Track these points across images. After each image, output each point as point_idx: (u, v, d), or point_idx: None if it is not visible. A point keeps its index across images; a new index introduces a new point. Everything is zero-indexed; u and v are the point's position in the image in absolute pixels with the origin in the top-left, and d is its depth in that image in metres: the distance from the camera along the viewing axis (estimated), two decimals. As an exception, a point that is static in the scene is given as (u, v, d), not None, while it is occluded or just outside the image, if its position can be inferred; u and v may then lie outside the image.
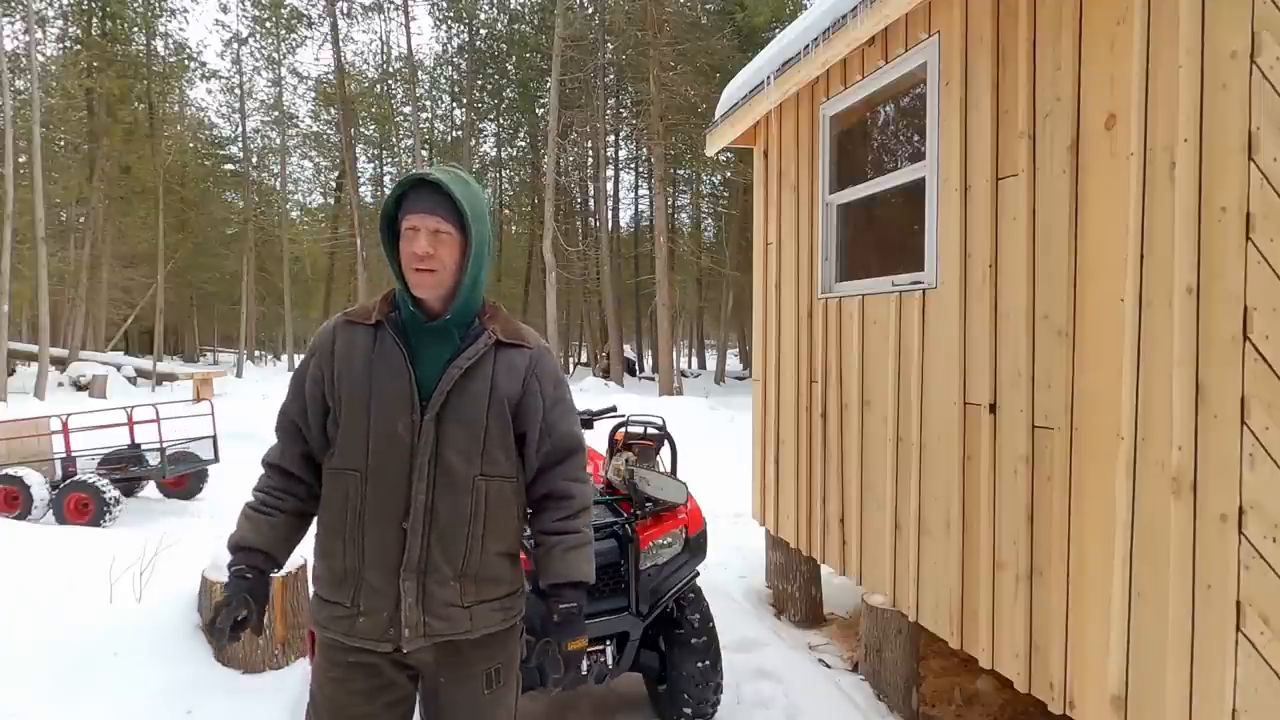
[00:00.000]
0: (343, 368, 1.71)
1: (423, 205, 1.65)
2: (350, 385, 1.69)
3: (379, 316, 1.72)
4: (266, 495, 1.77)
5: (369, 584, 1.66)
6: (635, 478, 3.17)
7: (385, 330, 1.71)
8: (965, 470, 2.95)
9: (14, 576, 4.24)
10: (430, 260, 1.65)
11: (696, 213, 30.78)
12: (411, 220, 1.66)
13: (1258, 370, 1.89)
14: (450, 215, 1.66)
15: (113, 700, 3.13)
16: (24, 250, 21.24)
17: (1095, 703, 2.36)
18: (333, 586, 1.71)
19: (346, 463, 1.69)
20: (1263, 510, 1.89)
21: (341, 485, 1.69)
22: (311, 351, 1.79)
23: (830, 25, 3.45)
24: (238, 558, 1.72)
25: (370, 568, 1.66)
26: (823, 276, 4.07)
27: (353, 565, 1.68)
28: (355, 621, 1.68)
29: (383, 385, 1.67)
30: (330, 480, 1.72)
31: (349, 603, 1.68)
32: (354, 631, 1.68)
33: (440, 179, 1.65)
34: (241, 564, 1.71)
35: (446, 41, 34.56)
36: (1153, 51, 2.13)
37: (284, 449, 1.78)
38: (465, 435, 1.67)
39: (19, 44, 22.81)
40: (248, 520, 1.75)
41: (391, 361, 1.68)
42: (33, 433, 8.02)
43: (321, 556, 1.74)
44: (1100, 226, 2.33)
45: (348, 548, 1.68)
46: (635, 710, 3.47)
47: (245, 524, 1.75)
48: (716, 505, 5.80)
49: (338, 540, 1.70)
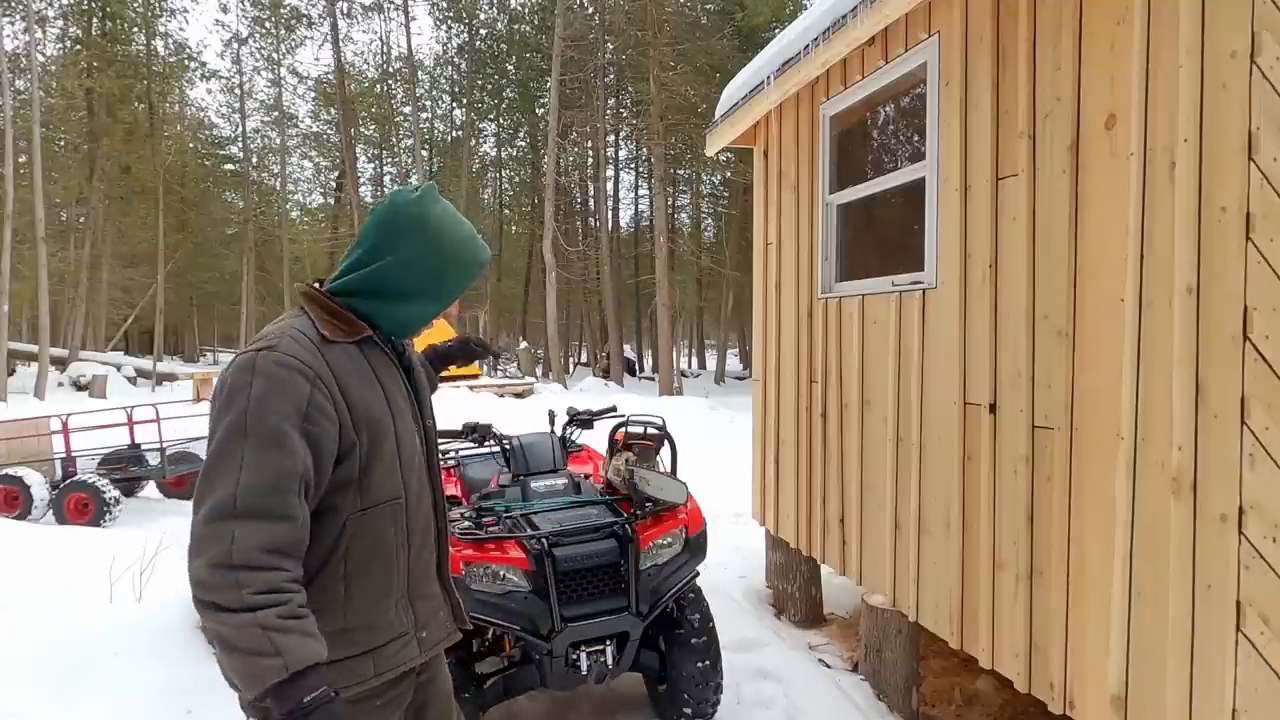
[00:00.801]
0: (356, 395, 1.49)
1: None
2: (375, 413, 1.52)
3: (365, 332, 1.56)
4: (293, 592, 1.33)
5: (423, 596, 1.66)
6: (635, 478, 3.17)
7: (374, 346, 1.59)
8: (965, 470, 2.95)
9: (14, 576, 4.24)
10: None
11: (696, 213, 30.81)
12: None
13: (1258, 370, 1.89)
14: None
15: (113, 700, 3.13)
16: (24, 250, 21.26)
17: (1095, 703, 2.36)
18: (384, 627, 1.56)
19: (387, 494, 1.53)
20: (1263, 510, 1.89)
21: (388, 519, 1.54)
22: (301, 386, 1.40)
23: (830, 25, 3.45)
24: (311, 682, 1.28)
25: (422, 581, 1.66)
26: (823, 276, 4.07)
27: (403, 590, 1.61)
28: (420, 639, 1.64)
29: (397, 405, 1.59)
30: (365, 524, 1.50)
31: (410, 627, 1.62)
32: (424, 646, 1.66)
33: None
34: (321, 687, 1.29)
35: (446, 41, 34.62)
36: (1153, 51, 2.13)
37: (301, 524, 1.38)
38: (434, 434, 1.78)
39: (19, 44, 22.83)
40: (294, 632, 1.29)
41: (394, 378, 1.62)
42: (33, 433, 8.02)
43: (364, 608, 1.52)
44: (1100, 226, 2.33)
45: (400, 577, 1.59)
46: (635, 710, 3.47)
47: (295, 638, 1.28)
48: (716, 505, 5.80)
49: (388, 577, 1.56)
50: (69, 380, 20.10)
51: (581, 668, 2.85)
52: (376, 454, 1.50)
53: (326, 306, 1.55)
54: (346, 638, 1.50)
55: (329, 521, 1.47)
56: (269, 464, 1.34)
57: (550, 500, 3.23)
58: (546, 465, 3.46)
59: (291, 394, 1.39)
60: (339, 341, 1.50)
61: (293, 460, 1.36)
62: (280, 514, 1.34)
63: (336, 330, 1.51)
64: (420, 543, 1.65)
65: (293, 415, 1.38)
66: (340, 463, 1.46)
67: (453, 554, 2.81)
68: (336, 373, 1.46)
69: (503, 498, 3.31)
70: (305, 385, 1.40)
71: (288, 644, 1.27)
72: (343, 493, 1.47)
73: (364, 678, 1.53)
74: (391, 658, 1.58)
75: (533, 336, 33.50)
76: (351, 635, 1.51)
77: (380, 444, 1.51)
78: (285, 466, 1.35)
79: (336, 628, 1.48)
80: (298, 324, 1.51)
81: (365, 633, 1.53)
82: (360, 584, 1.51)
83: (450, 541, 2.85)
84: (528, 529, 2.97)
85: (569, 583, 2.89)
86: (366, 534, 1.50)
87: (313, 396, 1.40)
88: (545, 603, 2.83)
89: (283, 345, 1.43)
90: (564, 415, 3.94)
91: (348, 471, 1.47)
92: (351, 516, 1.48)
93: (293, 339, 1.46)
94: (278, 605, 1.29)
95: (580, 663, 2.85)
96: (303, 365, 1.42)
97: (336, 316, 1.54)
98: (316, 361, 1.44)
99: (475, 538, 2.92)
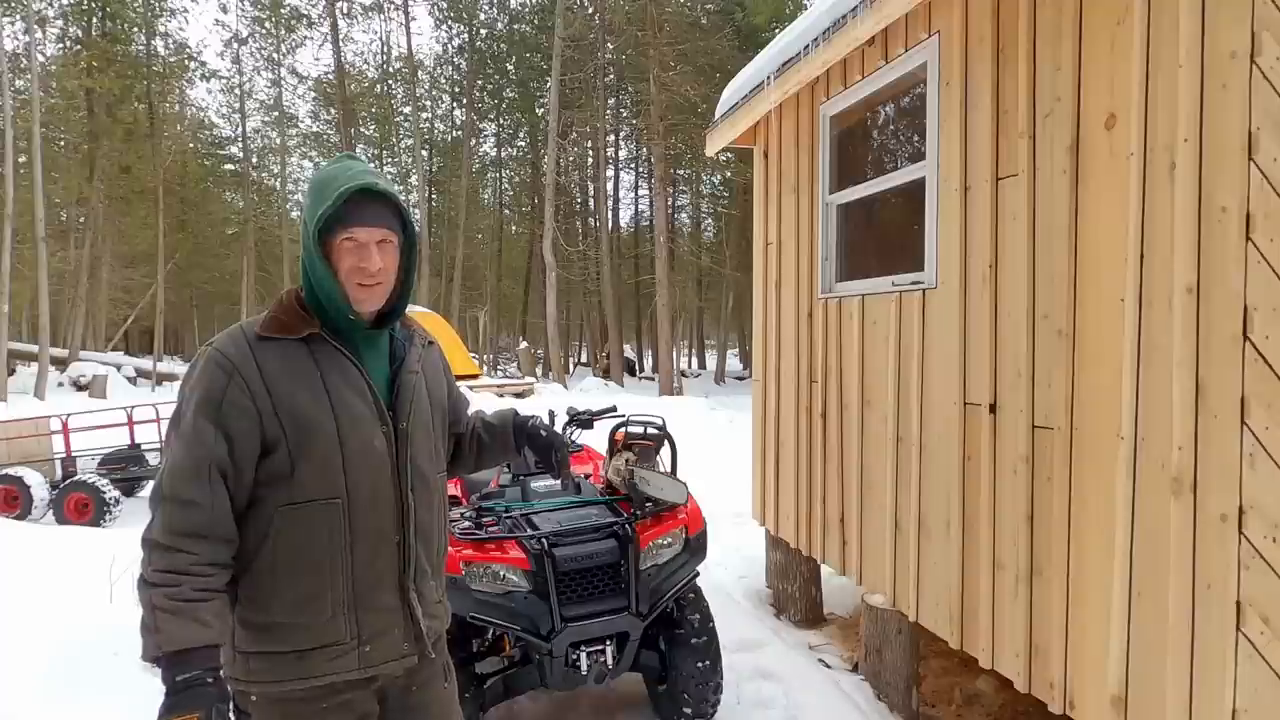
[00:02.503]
0: (283, 391, 1.50)
1: (364, 216, 1.53)
2: (304, 408, 1.51)
3: (309, 329, 1.55)
4: (196, 576, 1.41)
5: (372, 608, 1.58)
6: (635, 478, 3.17)
7: (324, 343, 1.56)
8: (965, 470, 2.95)
9: (14, 576, 4.24)
10: (379, 274, 1.56)
11: (696, 213, 30.80)
12: (354, 233, 1.53)
13: (1258, 370, 1.89)
14: (393, 221, 1.58)
15: (112, 700, 3.13)
16: (24, 250, 21.25)
17: (1095, 702, 2.36)
18: (317, 631, 1.54)
19: (321, 493, 1.52)
20: (1263, 510, 1.89)
21: (319, 519, 1.52)
22: (219, 378, 1.48)
23: (830, 25, 3.45)
24: (187, 664, 1.36)
25: (371, 591, 1.58)
26: (823, 276, 4.07)
27: (345, 597, 1.55)
28: (361, 652, 1.57)
29: (346, 404, 1.55)
30: (294, 518, 1.51)
31: (348, 637, 1.55)
32: (366, 662, 1.57)
33: (383, 187, 1.55)
34: (196, 669, 1.36)
35: (446, 41, 34.57)
36: (1153, 51, 2.13)
37: (212, 508, 1.44)
38: (425, 438, 1.69)
39: (19, 44, 22.83)
40: (177, 614, 1.37)
41: (348, 376, 1.57)
42: (33, 433, 8.02)
43: (293, 606, 1.53)
44: (1100, 226, 2.33)
45: (336, 582, 1.54)
46: (635, 710, 3.47)
47: (177, 620, 1.37)
48: (716, 505, 5.80)
49: (320, 578, 1.53)
50: (69, 380, 20.09)
51: (581, 668, 2.85)
52: (304, 451, 1.50)
53: (280, 304, 1.59)
54: (275, 633, 1.54)
55: (259, 513, 1.52)
56: (184, 452, 1.46)
57: (550, 500, 3.23)
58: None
59: (209, 387, 1.48)
60: (277, 338, 1.54)
61: (204, 449, 1.45)
62: (190, 499, 1.44)
63: (276, 327, 1.55)
64: (371, 550, 1.57)
65: (206, 406, 1.47)
66: (267, 455, 1.50)
67: (453, 554, 2.81)
68: (263, 368, 1.50)
69: (503, 498, 3.31)
70: (223, 378, 1.48)
71: (167, 625, 1.37)
72: (271, 486, 1.51)
73: (292, 677, 1.53)
74: (322, 664, 1.54)
75: (533, 336, 33.50)
76: (280, 631, 1.53)
77: (309, 441, 1.51)
78: (197, 454, 1.45)
79: (266, 620, 1.54)
80: (247, 322, 1.58)
81: (294, 631, 1.53)
82: (288, 580, 1.53)
83: (450, 541, 2.86)
84: (528, 529, 2.98)
85: (569, 583, 2.89)
86: (295, 530, 1.51)
87: (228, 390, 1.47)
88: (545, 603, 2.83)
89: (218, 342, 1.54)
90: (564, 415, 3.94)
91: (277, 465, 1.50)
92: (279, 510, 1.51)
93: (229, 336, 1.55)
94: (170, 586, 1.39)
95: (580, 663, 2.85)
96: (224, 359, 1.49)
97: (285, 314, 1.56)
98: (242, 357, 1.50)
99: (475, 538, 2.92)
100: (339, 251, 1.54)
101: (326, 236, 1.53)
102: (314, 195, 1.55)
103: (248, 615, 1.54)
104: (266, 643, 1.53)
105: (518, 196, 35.79)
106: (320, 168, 1.58)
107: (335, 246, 1.54)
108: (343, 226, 1.52)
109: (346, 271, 1.54)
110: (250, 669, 1.54)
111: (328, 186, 1.52)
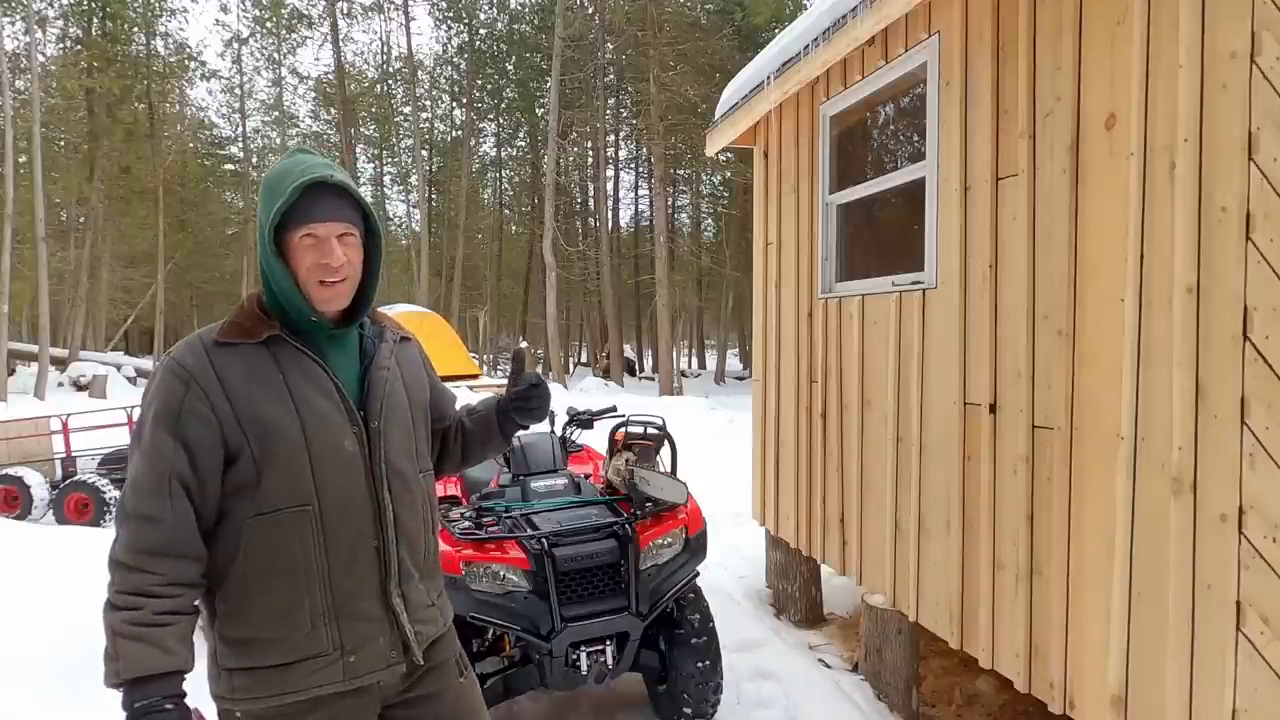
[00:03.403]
0: (243, 397, 1.44)
1: (322, 210, 1.46)
2: (267, 413, 1.45)
3: (269, 331, 1.50)
4: (159, 598, 1.37)
5: (354, 616, 1.52)
6: (635, 478, 3.17)
7: (285, 345, 1.50)
8: (965, 470, 2.95)
9: (14, 576, 4.24)
10: (343, 270, 1.49)
11: (696, 213, 30.78)
12: (313, 228, 1.46)
13: (1258, 370, 1.89)
14: (353, 215, 1.51)
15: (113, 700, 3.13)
16: (24, 250, 21.25)
17: (1095, 702, 2.36)
18: (295, 644, 1.48)
19: (290, 501, 1.46)
20: (1263, 510, 1.89)
21: (290, 528, 1.46)
22: (176, 388, 1.43)
23: (830, 25, 3.45)
24: (147, 690, 1.33)
25: (352, 599, 1.52)
26: (823, 276, 4.07)
27: (325, 606, 1.49)
28: (345, 663, 1.51)
29: (311, 406, 1.48)
30: (264, 528, 1.46)
31: (331, 648, 1.50)
32: (351, 673, 1.51)
33: (339, 179, 1.48)
34: (155, 696, 1.33)
35: (446, 41, 34.51)
36: (1153, 51, 2.13)
37: (174, 524, 1.39)
38: (403, 437, 1.62)
39: (19, 44, 22.83)
40: (138, 640, 1.34)
41: (313, 377, 1.51)
42: (33, 433, 8.02)
43: (271, 619, 1.48)
44: (1100, 226, 2.33)
45: (314, 591, 1.48)
46: (635, 710, 3.47)
47: (137, 646, 1.33)
48: (716, 505, 5.80)
49: (296, 589, 1.47)
50: (69, 380, 20.07)
51: (581, 668, 2.85)
52: (270, 458, 1.45)
53: (240, 310, 1.54)
54: (255, 647, 1.48)
55: (228, 526, 1.47)
56: (145, 466, 1.41)
57: (550, 500, 3.23)
58: (546, 465, 3.46)
59: (166, 399, 1.43)
60: (235, 343, 1.48)
61: (163, 463, 1.40)
62: (151, 515, 1.39)
63: (233, 332, 1.49)
64: (347, 556, 1.51)
65: (164, 417, 1.42)
66: (231, 465, 1.45)
67: (453, 554, 2.81)
68: (222, 375, 1.44)
69: (503, 498, 3.31)
70: (180, 388, 1.43)
71: (128, 651, 1.33)
72: (238, 497, 1.46)
73: (275, 692, 1.48)
74: (305, 677, 1.48)
75: (533, 336, 33.48)
76: (259, 646, 1.48)
77: (274, 447, 1.45)
78: (156, 469, 1.40)
79: (245, 635, 1.49)
80: (205, 329, 1.53)
81: (273, 645, 1.48)
82: (262, 593, 1.47)
83: (448, 541, 2.86)
84: (528, 529, 2.98)
85: (569, 583, 2.89)
86: (265, 541, 1.46)
87: (186, 399, 1.42)
88: (545, 603, 2.83)
89: (175, 351, 1.49)
90: (564, 415, 3.94)
91: (243, 475, 1.45)
92: (248, 521, 1.46)
93: (186, 344, 1.49)
94: (132, 610, 1.35)
95: (580, 663, 2.85)
96: (180, 369, 1.44)
97: (244, 319, 1.52)
98: (198, 365, 1.44)
99: (475, 538, 2.92)
100: (298, 250, 1.47)
101: (283, 235, 1.47)
102: (267, 193, 1.48)
103: (226, 630, 1.49)
104: (247, 658, 1.48)
105: (518, 196, 35.78)
106: (272, 165, 1.53)
107: (293, 245, 1.47)
108: (300, 223, 1.46)
109: (307, 270, 1.47)
110: (234, 686, 1.49)
111: (281, 182, 1.46)
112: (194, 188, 31.07)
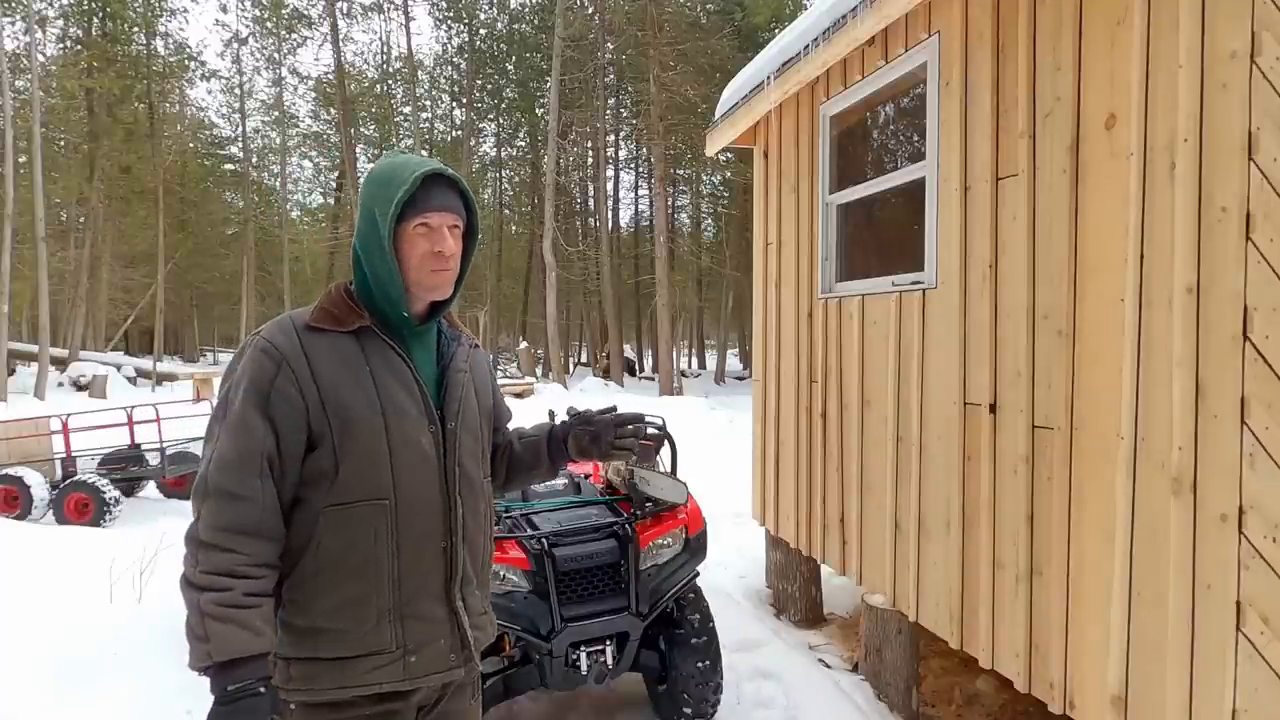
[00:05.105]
0: (330, 384, 1.44)
1: (438, 201, 1.49)
2: (351, 402, 1.45)
3: (359, 322, 1.50)
4: (247, 578, 1.35)
5: (418, 616, 1.51)
6: (635, 478, 3.17)
7: (374, 336, 1.51)
8: (965, 470, 2.95)
9: (14, 576, 4.24)
10: (453, 259, 1.52)
11: (696, 213, 30.79)
12: (428, 218, 1.48)
13: (1258, 370, 1.89)
14: (460, 208, 1.54)
15: (113, 701, 3.13)
16: (24, 250, 21.26)
17: (1095, 702, 2.36)
18: (361, 638, 1.47)
19: (368, 493, 1.46)
20: (1263, 510, 1.89)
21: (363, 520, 1.46)
22: (267, 366, 1.42)
23: (830, 25, 3.45)
24: (239, 673, 1.30)
25: (416, 599, 1.51)
26: (823, 276, 4.07)
27: (391, 603, 1.48)
28: (406, 662, 1.49)
29: (395, 399, 1.49)
30: (340, 519, 1.45)
31: (394, 645, 1.48)
32: (410, 673, 1.50)
33: (453, 173, 1.53)
34: (248, 679, 1.31)
35: (446, 41, 34.54)
36: (1153, 51, 2.13)
37: (261, 502, 1.38)
38: (473, 441, 1.62)
39: (19, 44, 22.82)
40: (229, 621, 1.31)
41: (396, 371, 1.51)
42: (33, 433, 8.02)
43: (337, 611, 1.46)
44: (1100, 226, 2.33)
45: (381, 587, 1.47)
46: (635, 710, 3.47)
47: (229, 628, 1.30)
48: (716, 505, 5.80)
49: (365, 583, 1.46)
50: (69, 380, 20.08)
51: (581, 668, 2.85)
52: (350, 447, 1.45)
53: (329, 297, 1.54)
54: (318, 639, 1.47)
55: (304, 513, 1.46)
56: (233, 444, 1.39)
57: (550, 500, 3.23)
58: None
59: (258, 376, 1.42)
60: (326, 330, 1.48)
61: (254, 440, 1.39)
62: (239, 493, 1.37)
63: (324, 318, 1.50)
64: (416, 554, 1.50)
65: (255, 396, 1.41)
66: (312, 451, 1.45)
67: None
68: (312, 360, 1.44)
69: (503, 498, 3.31)
70: (271, 367, 1.42)
71: (218, 632, 1.30)
72: (316, 485, 1.45)
73: (334, 685, 1.47)
74: (365, 674, 1.47)
75: (533, 336, 33.49)
76: (323, 637, 1.47)
77: (355, 437, 1.45)
78: (247, 447, 1.39)
79: (309, 625, 1.47)
80: (295, 312, 1.53)
81: (338, 638, 1.47)
82: (333, 584, 1.46)
83: None
84: (528, 529, 2.98)
85: (569, 583, 2.89)
86: (340, 532, 1.45)
87: (277, 380, 1.42)
88: (545, 603, 2.83)
89: (265, 330, 1.48)
90: (564, 415, 3.93)
91: (322, 463, 1.44)
92: (324, 511, 1.45)
93: (277, 325, 1.49)
94: (221, 590, 1.32)
95: (580, 663, 2.85)
96: (273, 349, 1.43)
97: (334, 306, 1.52)
98: (290, 347, 1.44)
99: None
100: (410, 239, 1.49)
101: (397, 226, 1.48)
102: (380, 185, 1.49)
103: (290, 619, 1.48)
104: (308, 648, 1.47)
105: (518, 196, 35.78)
106: (373, 167, 1.55)
107: (406, 235, 1.49)
108: (417, 212, 1.48)
109: (420, 258, 1.49)
110: (290, 676, 1.47)
111: (398, 175, 1.48)
112: (194, 188, 31.06)
